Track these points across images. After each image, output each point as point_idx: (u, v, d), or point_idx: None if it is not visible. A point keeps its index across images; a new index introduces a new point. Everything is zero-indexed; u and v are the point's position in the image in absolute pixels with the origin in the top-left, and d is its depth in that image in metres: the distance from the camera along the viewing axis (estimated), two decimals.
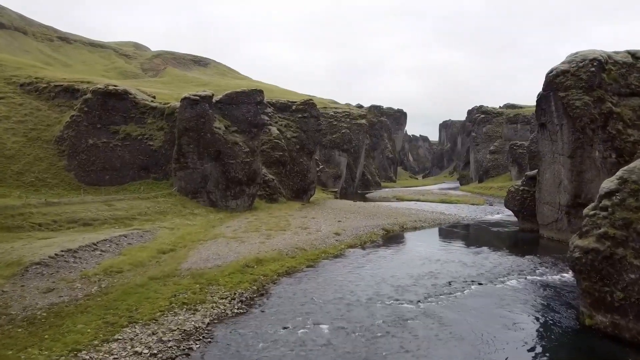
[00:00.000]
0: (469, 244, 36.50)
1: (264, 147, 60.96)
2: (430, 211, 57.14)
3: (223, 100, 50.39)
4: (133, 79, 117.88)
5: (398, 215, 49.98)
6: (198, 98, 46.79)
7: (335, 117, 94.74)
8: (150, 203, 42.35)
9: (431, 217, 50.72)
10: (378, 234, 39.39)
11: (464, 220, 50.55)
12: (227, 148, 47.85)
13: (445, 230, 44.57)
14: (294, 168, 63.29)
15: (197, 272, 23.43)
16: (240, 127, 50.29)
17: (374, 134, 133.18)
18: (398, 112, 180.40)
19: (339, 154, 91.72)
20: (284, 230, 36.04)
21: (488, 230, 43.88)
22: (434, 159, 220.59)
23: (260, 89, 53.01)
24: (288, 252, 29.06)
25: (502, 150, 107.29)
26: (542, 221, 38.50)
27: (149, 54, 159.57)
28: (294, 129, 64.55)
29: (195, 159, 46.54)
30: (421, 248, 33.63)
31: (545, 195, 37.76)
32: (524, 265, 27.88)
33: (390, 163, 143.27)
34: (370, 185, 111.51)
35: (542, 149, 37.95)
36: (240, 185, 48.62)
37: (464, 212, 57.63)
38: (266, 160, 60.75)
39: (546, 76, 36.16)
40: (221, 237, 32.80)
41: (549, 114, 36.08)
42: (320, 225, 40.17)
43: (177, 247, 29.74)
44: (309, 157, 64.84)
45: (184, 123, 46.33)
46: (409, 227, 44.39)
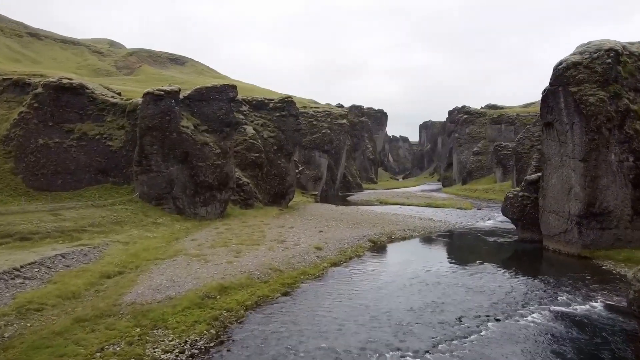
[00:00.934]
0: (468, 259, 31.76)
1: (239, 148, 55.61)
2: (417, 217, 52.45)
3: (192, 97, 44.91)
4: (106, 77, 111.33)
5: (384, 223, 45.11)
6: (162, 93, 41.28)
7: (316, 116, 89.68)
8: (105, 212, 36.73)
9: (420, 224, 45.96)
10: (364, 247, 34.44)
11: (455, 228, 45.93)
12: (195, 149, 42.40)
13: (437, 240, 39.84)
14: (272, 171, 58.05)
15: (142, 309, 18.13)
16: (211, 126, 44.86)
17: (355, 134, 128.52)
18: (379, 112, 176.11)
19: (319, 155, 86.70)
20: (258, 245, 30.82)
21: (484, 240, 39.26)
22: (414, 160, 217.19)
23: (233, 84, 47.65)
24: (260, 275, 23.86)
25: (486, 151, 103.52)
26: (547, 232, 33.99)
27: (123, 51, 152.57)
28: (272, 129, 59.31)
29: (160, 162, 41.02)
30: (415, 265, 28.73)
31: (551, 202, 33.23)
32: (541, 290, 23.15)
33: (371, 164, 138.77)
34: (352, 187, 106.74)
35: (548, 151, 33.43)
36: (211, 190, 43.22)
37: (453, 218, 53.09)
38: (241, 162, 55.42)
39: (554, 69, 31.63)
40: (182, 254, 27.43)
41: (557, 112, 31.55)
42: (299, 237, 35.04)
43: (127, 269, 24.35)
44: (287, 159, 59.65)
45: (146, 121, 40.77)
46: (398, 237, 39.55)
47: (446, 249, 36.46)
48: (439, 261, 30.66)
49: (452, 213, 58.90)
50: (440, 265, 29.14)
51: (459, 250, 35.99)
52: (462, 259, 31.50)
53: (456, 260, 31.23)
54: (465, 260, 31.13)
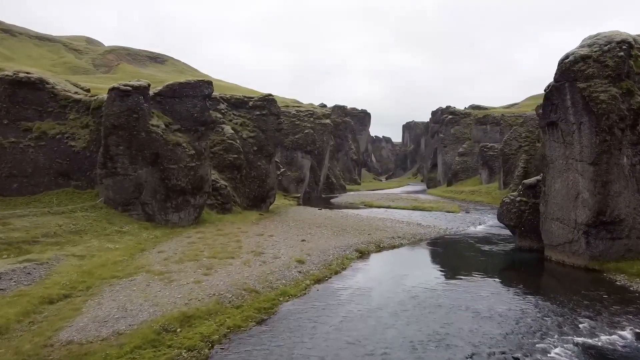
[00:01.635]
0: (466, 272, 28.48)
1: (216, 149, 51.75)
2: (405, 222, 49.19)
3: (163, 93, 40.97)
4: (83, 75, 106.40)
5: (371, 230, 41.71)
6: (130, 89, 37.30)
7: (298, 116, 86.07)
8: (64, 219, 32.71)
9: (409, 230, 42.67)
10: (351, 258, 30.98)
11: (445, 235, 42.76)
12: (167, 150, 38.51)
13: (428, 249, 36.60)
14: (251, 173, 54.29)
15: (80, 351, 14.42)
16: (184, 125, 40.98)
17: (338, 134, 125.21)
18: (362, 112, 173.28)
19: (301, 155, 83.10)
20: (232, 258, 27.12)
21: (479, 249, 36.09)
22: (397, 161, 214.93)
23: (208, 80, 43.78)
24: (232, 298, 20.23)
25: (471, 152, 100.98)
26: (550, 241, 30.91)
27: (101, 49, 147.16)
28: (251, 128, 55.54)
29: (127, 164, 37.05)
30: (409, 281, 25.35)
31: (554, 209, 30.14)
32: (556, 314, 19.90)
33: (354, 165, 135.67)
34: (335, 189, 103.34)
35: (551, 154, 30.35)
36: (184, 194, 39.36)
37: (442, 223, 49.96)
38: (218, 164, 51.57)
39: (560, 63, 28.52)
40: (144, 270, 23.63)
41: (562, 110, 28.46)
42: (279, 247, 31.42)
43: (76, 291, 20.51)
44: (268, 160, 55.94)
45: (112, 119, 36.76)
46: (386, 246, 36.18)
47: (440, 259, 33.19)
48: (434, 275, 27.32)
49: (441, 217, 55.81)
50: (437, 280, 25.79)
51: (453, 260, 32.73)
52: (459, 273, 28.20)
53: (453, 274, 27.92)
54: (463, 273, 27.83)
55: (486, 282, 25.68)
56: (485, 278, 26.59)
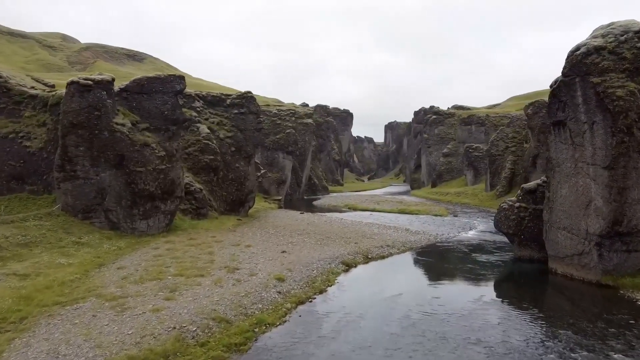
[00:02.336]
0: (466, 289, 25.24)
1: (190, 150, 47.86)
2: (392, 227, 45.88)
3: (130, 88, 36.96)
4: (57, 72, 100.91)
5: (358, 237, 38.26)
6: (91, 83, 33.28)
7: (279, 115, 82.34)
8: (12, 229, 28.64)
9: (398, 238, 39.33)
10: (337, 272, 27.48)
11: (437, 242, 39.57)
12: (133, 151, 34.56)
13: (420, 259, 33.31)
14: (229, 175, 50.46)
15: None
16: (153, 123, 37.06)
17: (321, 134, 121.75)
18: (344, 112, 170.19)
19: (283, 156, 79.39)
20: (202, 276, 23.39)
21: (475, 260, 32.91)
22: (380, 161, 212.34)
23: (180, 75, 39.87)
24: (197, 332, 16.55)
25: (455, 152, 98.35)
26: (555, 252, 27.80)
27: (77, 46, 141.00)
28: (229, 128, 51.70)
29: (88, 166, 33.03)
30: (404, 302, 21.95)
31: (560, 217, 27.03)
32: (583, 346, 16.64)
33: (337, 165, 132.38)
34: (318, 190, 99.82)
35: (557, 156, 27.21)
36: (153, 200, 35.44)
37: (431, 228, 46.81)
38: (193, 165, 47.67)
39: (569, 55, 25.38)
40: (95, 295, 19.78)
41: (571, 108, 25.33)
42: (256, 260, 27.75)
43: (7, 323, 16.67)
44: (246, 162, 52.16)
45: (70, 117, 32.70)
46: (375, 256, 32.79)
47: (434, 273, 29.86)
48: (432, 294, 23.96)
49: (429, 221, 52.67)
50: (436, 302, 22.40)
51: (449, 274, 29.41)
52: (459, 291, 24.94)
53: (453, 292, 24.64)
54: (464, 292, 24.57)
55: (491, 303, 22.40)
56: (489, 297, 23.34)
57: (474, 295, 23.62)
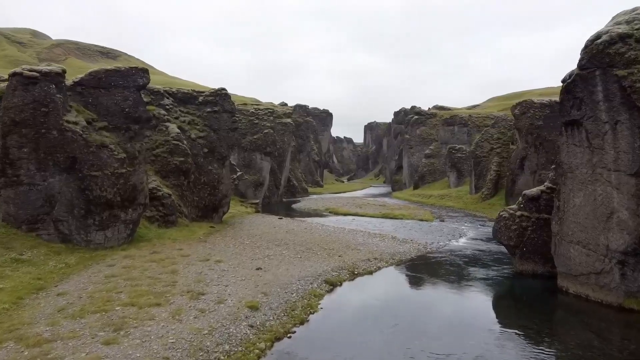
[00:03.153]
0: (471, 315, 21.60)
1: (158, 151, 43.42)
2: (378, 235, 42.19)
3: (85, 82, 32.45)
4: None
5: (342, 248, 34.41)
6: (37, 75, 28.72)
7: (257, 114, 78.02)
8: None
9: (385, 248, 35.60)
10: (320, 294, 23.57)
11: (427, 252, 35.98)
12: (88, 153, 30.08)
13: (412, 275, 29.62)
14: (201, 178, 46.12)
15: None
16: (112, 122, 32.61)
17: (300, 134, 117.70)
18: (324, 112, 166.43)
19: (261, 157, 75.13)
20: (158, 305, 19.22)
21: (472, 275, 29.35)
22: (359, 161, 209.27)
23: (144, 68, 35.43)
24: None
25: (438, 154, 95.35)
26: (567, 269, 24.34)
27: (48, 42, 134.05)
28: (201, 127, 47.33)
29: (33, 170, 28.48)
30: (403, 338, 18.14)
31: (574, 230, 23.58)
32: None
33: (317, 166, 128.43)
34: (297, 192, 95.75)
35: (569, 160, 23.74)
36: (111, 208, 31.01)
37: (419, 236, 43.27)
38: (161, 168, 43.24)
39: (588, 45, 21.89)
40: (14, 338, 15.41)
41: (589, 106, 21.86)
42: (227, 281, 23.65)
43: None
44: (220, 164, 47.87)
45: (12, 113, 28.12)
46: (362, 271, 28.97)
47: (430, 293, 26.15)
48: (433, 323, 20.24)
49: (415, 227, 49.14)
50: (441, 334, 18.64)
51: (447, 295, 25.71)
52: (461, 317, 21.27)
53: (454, 320, 20.95)
54: (468, 318, 20.90)
55: (503, 333, 18.76)
56: (498, 326, 19.72)
57: (480, 323, 19.97)
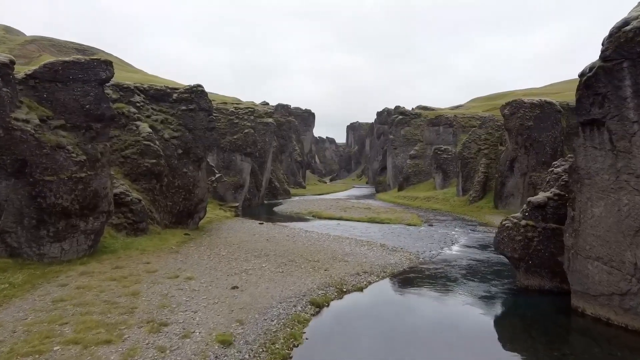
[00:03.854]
0: (468, 333, 18.46)
1: (128, 152, 39.61)
2: (365, 242, 39.05)
3: (39, 75, 28.55)
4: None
5: (328, 260, 31.09)
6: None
7: (237, 114, 74.31)
8: None
9: (374, 259, 32.39)
10: (305, 319, 20.22)
11: (419, 262, 32.91)
12: (40, 155, 26.26)
13: (405, 291, 26.46)
14: (175, 182, 42.38)
15: None
16: (70, 120, 28.80)
17: (282, 135, 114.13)
18: (306, 112, 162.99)
19: (241, 158, 71.46)
20: (109, 342, 15.64)
21: (473, 291, 26.31)
22: (342, 162, 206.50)
23: (107, 60, 31.56)
24: None
25: (423, 154, 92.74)
26: (583, 287, 21.40)
27: (21, 39, 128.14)
28: (175, 127, 43.58)
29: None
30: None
31: (592, 244, 20.64)
32: None
33: (299, 167, 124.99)
34: (279, 194, 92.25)
35: (588, 165, 20.80)
36: (68, 217, 27.24)
37: (408, 243, 40.24)
38: (131, 171, 39.44)
39: (613, 33, 18.90)
40: None
41: (614, 103, 18.90)
42: (196, 305, 20.14)
43: None
44: (196, 166, 44.17)
45: None
46: (351, 288, 25.70)
47: (429, 314, 23.00)
48: (434, 351, 17.04)
49: (404, 233, 46.09)
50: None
51: (447, 316, 22.63)
52: (466, 341, 18.12)
53: (459, 344, 17.79)
54: (474, 343, 17.76)
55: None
56: (507, 353, 16.64)
57: (486, 351, 16.85)
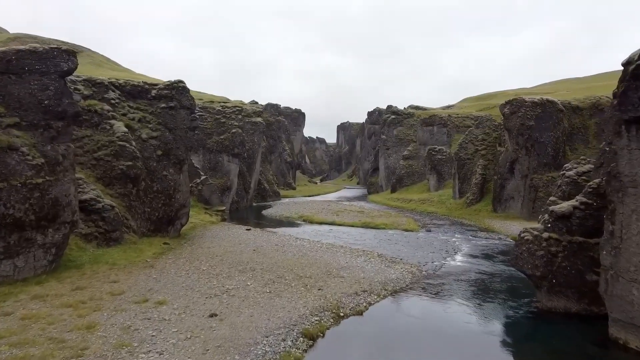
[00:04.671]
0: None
1: (100, 154, 35.63)
2: (362, 252, 35.45)
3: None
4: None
5: (321, 276, 27.37)
6: None
7: (224, 112, 70.34)
8: None
9: (373, 274, 28.72)
10: (296, 356, 16.49)
11: (422, 276, 29.37)
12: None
13: (410, 315, 22.85)
14: (153, 186, 38.43)
15: None
16: (26, 117, 24.81)
17: (272, 135, 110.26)
18: (296, 112, 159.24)
19: (228, 159, 67.52)
20: None
21: (481, 310, 22.83)
22: (332, 162, 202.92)
23: (69, 49, 27.52)
24: None
25: (416, 155, 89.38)
26: (626, 316, 17.91)
27: (4, 36, 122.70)
28: (154, 126, 39.62)
29: None
30: None
31: (639, 266, 17.13)
32: None
33: (289, 167, 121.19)
34: (268, 196, 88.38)
35: (634, 171, 17.30)
36: (21, 230, 23.29)
37: (408, 252, 36.74)
38: (104, 174, 35.45)
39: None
40: None
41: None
42: (163, 343, 16.30)
43: None
44: (177, 169, 40.24)
45: None
46: (349, 311, 22.01)
47: (438, 343, 19.37)
48: None
49: (401, 240, 42.53)
50: None
51: (460, 345, 19.04)
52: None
53: None
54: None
55: None
56: None
57: None
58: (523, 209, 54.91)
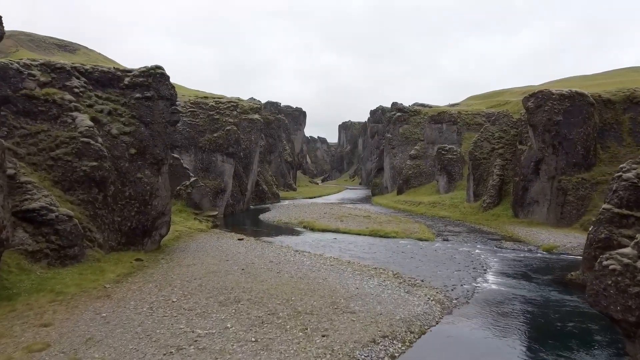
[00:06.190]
0: None
1: (59, 153, 28.99)
2: (374, 270, 28.74)
3: None
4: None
5: (326, 310, 20.63)
6: None
7: (218, 108, 63.58)
8: None
9: (392, 305, 22.00)
10: None
11: (452, 307, 22.70)
12: None
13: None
14: (125, 191, 31.72)
15: None
16: None
17: (271, 134, 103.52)
18: (297, 110, 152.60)
19: (222, 159, 60.80)
20: None
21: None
22: (334, 162, 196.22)
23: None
24: None
25: (424, 155, 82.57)
26: None
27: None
28: (127, 120, 32.90)
29: None
30: None
31: None
32: None
33: (289, 168, 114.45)
34: (267, 198, 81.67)
35: None
36: None
37: (427, 269, 30.11)
38: (62, 177, 28.81)
39: None
40: None
41: None
42: None
43: None
44: (155, 170, 33.54)
45: None
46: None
47: None
48: None
49: (417, 252, 35.82)
50: None
51: None
52: None
53: None
54: None
55: None
56: None
57: None
58: (549, 215, 48.14)
